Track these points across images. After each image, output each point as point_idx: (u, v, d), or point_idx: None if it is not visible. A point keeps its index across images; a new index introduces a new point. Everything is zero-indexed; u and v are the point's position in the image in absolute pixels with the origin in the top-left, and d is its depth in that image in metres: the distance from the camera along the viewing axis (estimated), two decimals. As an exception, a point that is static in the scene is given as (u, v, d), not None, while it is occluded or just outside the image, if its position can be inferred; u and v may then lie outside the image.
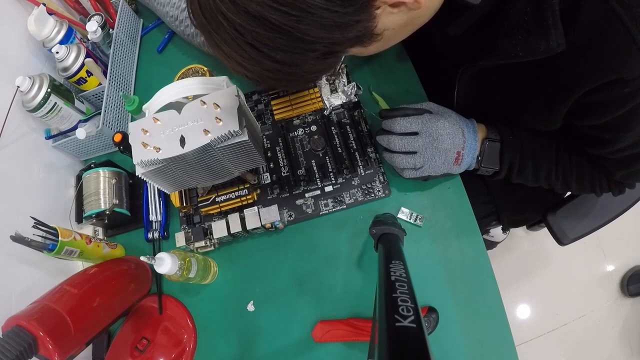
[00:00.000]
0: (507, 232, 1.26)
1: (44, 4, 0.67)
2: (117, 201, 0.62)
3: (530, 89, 0.45)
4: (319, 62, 0.35)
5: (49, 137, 0.66)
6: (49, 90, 0.62)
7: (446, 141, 0.50)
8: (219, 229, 0.56)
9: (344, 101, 0.64)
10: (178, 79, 0.72)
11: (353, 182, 0.60)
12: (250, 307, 0.57)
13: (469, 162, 0.52)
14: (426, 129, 0.50)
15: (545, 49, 0.37)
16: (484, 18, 0.42)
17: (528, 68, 0.42)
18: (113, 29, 0.74)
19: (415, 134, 0.51)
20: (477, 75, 0.49)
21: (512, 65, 0.42)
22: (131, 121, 0.64)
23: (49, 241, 0.51)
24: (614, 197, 0.56)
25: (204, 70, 0.71)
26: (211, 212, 0.60)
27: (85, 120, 0.69)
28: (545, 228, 0.76)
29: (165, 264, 0.46)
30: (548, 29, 0.36)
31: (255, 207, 0.58)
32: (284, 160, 0.63)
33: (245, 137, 0.47)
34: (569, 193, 0.76)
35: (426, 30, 0.42)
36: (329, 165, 0.61)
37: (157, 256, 0.47)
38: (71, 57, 0.66)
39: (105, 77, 0.69)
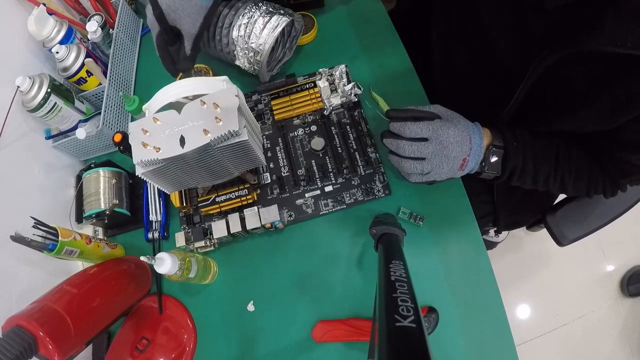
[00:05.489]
0: (507, 232, 1.27)
1: (44, 4, 0.67)
2: (117, 201, 0.62)
3: (606, 87, 0.41)
4: None
5: (49, 137, 0.66)
6: (49, 90, 0.62)
7: (455, 149, 0.48)
8: (219, 229, 0.56)
9: (344, 101, 0.64)
10: (178, 79, 0.71)
11: (353, 182, 0.60)
12: (250, 307, 0.57)
13: (472, 167, 0.51)
14: (437, 136, 0.48)
15: None
16: None
17: (618, 62, 0.37)
18: (113, 29, 0.73)
19: (425, 139, 0.48)
20: (555, 66, 0.44)
21: (602, 55, 0.37)
22: (131, 121, 0.64)
23: (49, 241, 0.50)
24: (606, 199, 0.57)
25: (204, 70, 0.71)
26: (211, 212, 0.60)
27: (85, 120, 0.69)
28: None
29: (165, 264, 0.46)
30: None
31: (255, 207, 0.58)
32: (284, 160, 0.63)
33: (245, 137, 0.47)
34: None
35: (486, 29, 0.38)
36: (329, 165, 0.61)
37: (157, 256, 0.47)
38: (71, 57, 0.66)
39: (105, 77, 0.69)
